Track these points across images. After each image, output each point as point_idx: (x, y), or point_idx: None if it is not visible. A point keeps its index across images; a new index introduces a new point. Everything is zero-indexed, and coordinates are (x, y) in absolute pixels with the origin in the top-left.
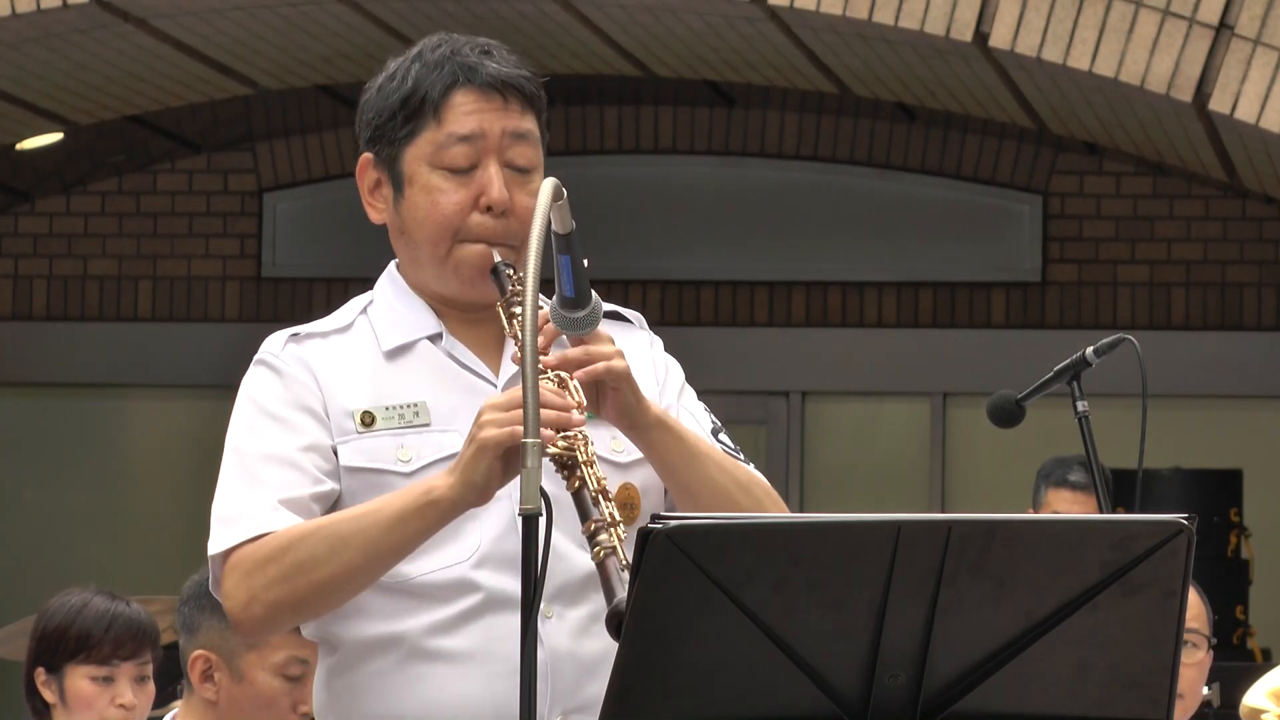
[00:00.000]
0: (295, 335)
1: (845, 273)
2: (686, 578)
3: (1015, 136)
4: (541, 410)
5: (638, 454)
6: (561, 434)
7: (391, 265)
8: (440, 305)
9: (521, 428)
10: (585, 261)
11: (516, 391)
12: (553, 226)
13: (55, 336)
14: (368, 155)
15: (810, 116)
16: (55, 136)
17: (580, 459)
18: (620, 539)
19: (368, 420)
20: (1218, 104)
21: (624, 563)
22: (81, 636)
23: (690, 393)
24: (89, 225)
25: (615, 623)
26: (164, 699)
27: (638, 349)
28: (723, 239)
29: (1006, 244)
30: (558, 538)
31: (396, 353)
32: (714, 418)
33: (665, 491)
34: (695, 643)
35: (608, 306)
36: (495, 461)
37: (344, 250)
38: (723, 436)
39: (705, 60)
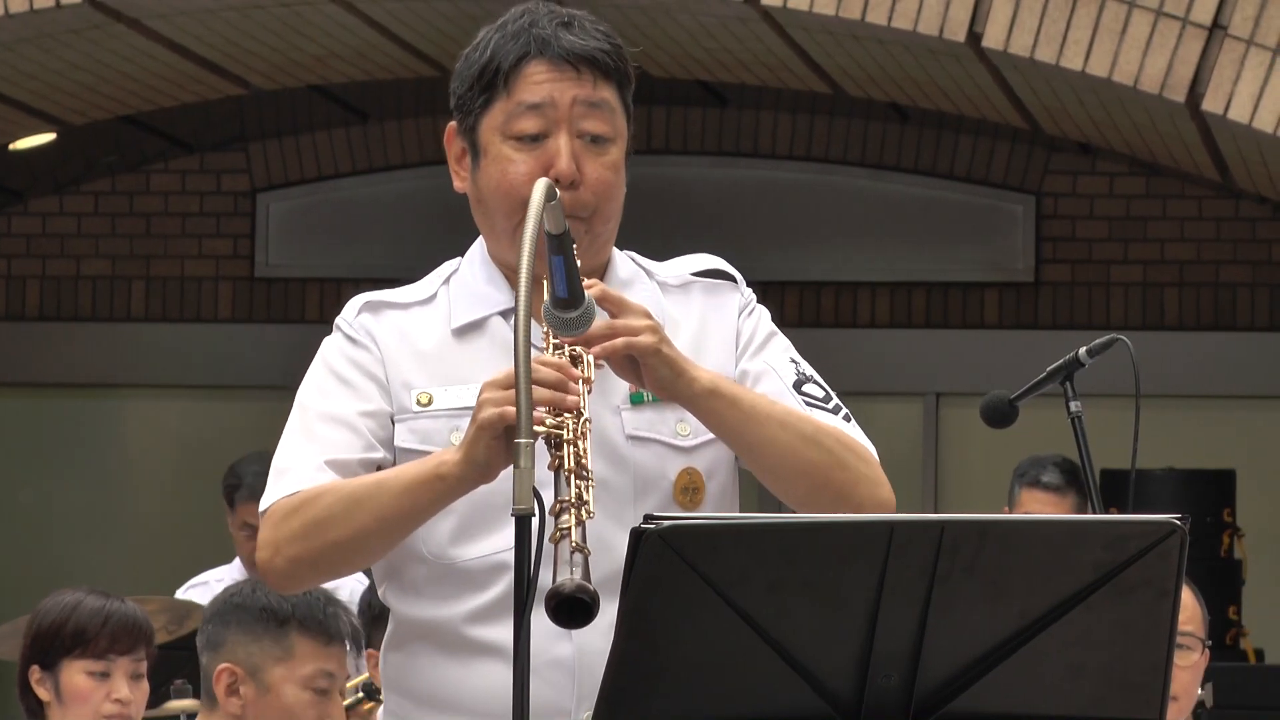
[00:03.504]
0: (371, 304)
1: (838, 273)
2: (680, 578)
3: (1008, 137)
4: (537, 389)
5: (704, 437)
6: (554, 411)
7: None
8: (516, 277)
9: (511, 409)
10: (577, 262)
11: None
12: (546, 227)
13: (48, 337)
14: (453, 124)
15: (803, 117)
16: (48, 136)
17: (565, 437)
18: (581, 520)
19: (425, 401)
20: (1211, 104)
21: (575, 545)
22: (77, 632)
23: (775, 346)
24: (82, 225)
25: (552, 604)
26: (158, 699)
27: (724, 315)
28: (715, 239)
29: (1000, 244)
30: (604, 525)
31: (465, 330)
32: (802, 368)
33: (736, 470)
34: (688, 643)
35: (709, 263)
36: (494, 441)
37: (337, 251)
38: (808, 387)
39: (698, 60)
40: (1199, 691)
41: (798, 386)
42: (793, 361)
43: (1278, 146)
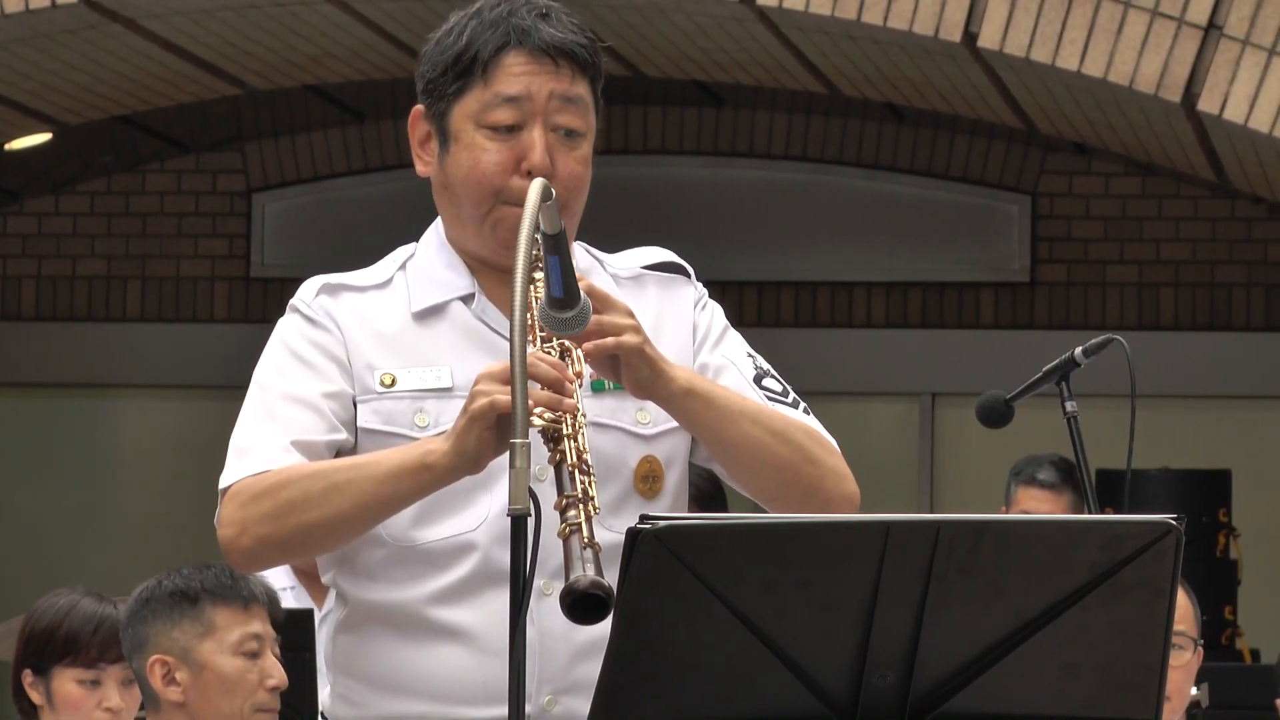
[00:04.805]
0: (329, 286)
1: (834, 273)
2: (675, 578)
3: (1004, 137)
4: (536, 391)
5: (664, 425)
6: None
7: (439, 219)
8: (477, 264)
9: (501, 398)
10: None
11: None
12: (541, 227)
13: (44, 337)
14: (419, 108)
15: (799, 117)
16: (44, 137)
17: (565, 432)
18: (589, 516)
19: (388, 382)
20: (1206, 104)
21: (586, 540)
22: (69, 639)
23: (732, 340)
24: (78, 225)
25: (568, 601)
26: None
27: (680, 308)
28: (711, 239)
29: (995, 244)
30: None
31: (426, 314)
32: (759, 363)
33: (693, 459)
34: (684, 643)
35: (662, 256)
36: (485, 432)
37: (333, 251)
38: (767, 381)
39: (694, 60)
40: (1193, 691)
41: (758, 381)
42: (750, 356)
43: (1273, 146)
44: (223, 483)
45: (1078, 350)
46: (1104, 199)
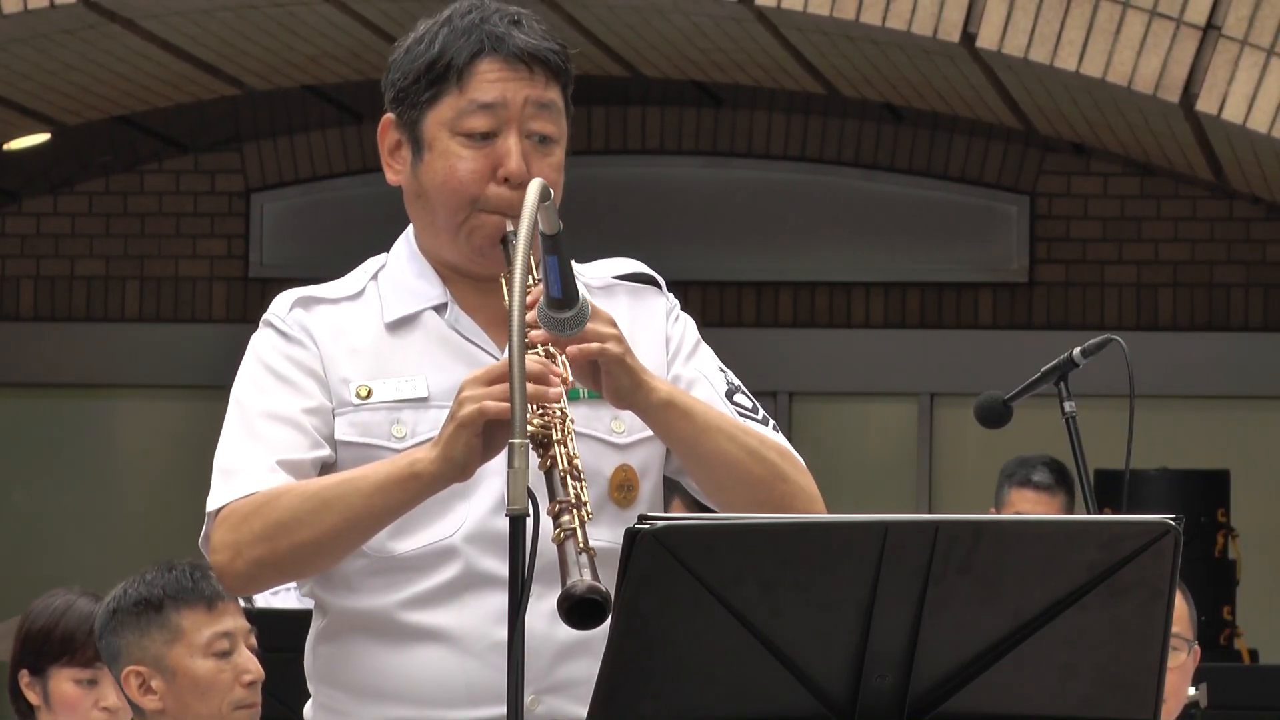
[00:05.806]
0: (302, 299)
1: (832, 273)
2: (674, 578)
3: (1002, 137)
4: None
5: (639, 434)
6: (539, 412)
7: (409, 228)
8: (450, 273)
9: (490, 404)
10: (571, 262)
11: (496, 365)
12: (540, 227)
13: (42, 337)
14: (390, 116)
15: (797, 117)
16: (43, 137)
17: (555, 437)
18: (583, 521)
19: (364, 393)
20: (1205, 104)
21: (581, 545)
22: (65, 639)
23: (704, 354)
24: (76, 225)
25: (565, 606)
26: None
27: (652, 319)
28: (710, 239)
29: (994, 244)
30: (544, 518)
31: (399, 324)
32: (730, 378)
33: (664, 470)
34: (682, 643)
35: (633, 266)
36: (474, 438)
37: (331, 250)
38: (738, 397)
39: (692, 61)
40: (1191, 691)
41: (729, 396)
42: (721, 370)
43: (1272, 146)
44: (210, 506)
45: (1076, 350)
46: (1102, 199)
